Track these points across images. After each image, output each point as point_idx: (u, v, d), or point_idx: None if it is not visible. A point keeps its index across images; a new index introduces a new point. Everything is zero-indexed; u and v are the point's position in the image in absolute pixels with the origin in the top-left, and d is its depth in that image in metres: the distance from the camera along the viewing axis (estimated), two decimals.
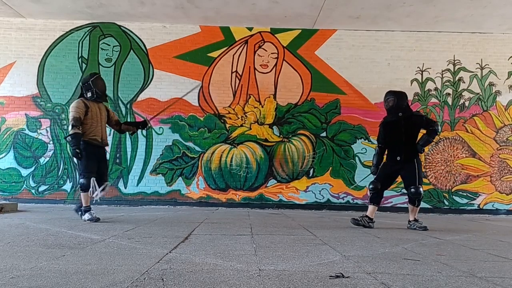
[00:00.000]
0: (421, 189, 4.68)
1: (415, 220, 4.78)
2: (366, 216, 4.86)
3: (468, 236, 4.29)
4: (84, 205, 4.82)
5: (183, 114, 7.82)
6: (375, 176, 5.00)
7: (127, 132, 5.63)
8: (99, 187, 4.92)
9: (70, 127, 4.74)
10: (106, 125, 5.19)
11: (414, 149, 4.78)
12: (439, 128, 4.75)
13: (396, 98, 4.86)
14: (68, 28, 7.94)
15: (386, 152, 5.04)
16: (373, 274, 2.30)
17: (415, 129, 4.85)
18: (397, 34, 8.06)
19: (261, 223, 5.06)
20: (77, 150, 4.65)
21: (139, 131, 7.67)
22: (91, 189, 4.83)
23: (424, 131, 4.83)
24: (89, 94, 4.89)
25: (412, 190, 4.68)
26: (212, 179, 7.72)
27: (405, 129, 4.79)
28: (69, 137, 4.70)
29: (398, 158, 4.80)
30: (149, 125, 5.49)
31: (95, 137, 4.91)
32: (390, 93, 4.98)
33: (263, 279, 2.12)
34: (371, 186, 4.92)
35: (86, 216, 4.75)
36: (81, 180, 4.82)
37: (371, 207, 4.90)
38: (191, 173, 7.72)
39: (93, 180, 4.83)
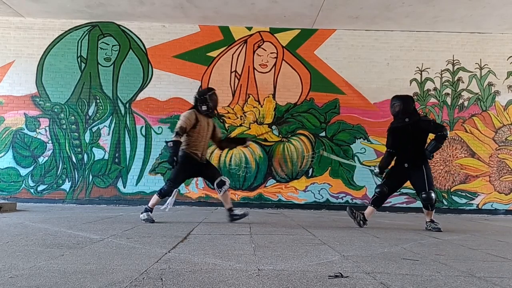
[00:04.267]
0: (432, 194, 4.59)
1: (431, 221, 4.72)
2: (363, 214, 4.85)
3: (467, 236, 4.30)
4: (149, 205, 4.80)
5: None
6: (382, 180, 4.96)
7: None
8: (218, 189, 4.86)
9: (174, 134, 4.67)
10: (210, 139, 5.11)
11: (422, 155, 4.69)
12: (448, 132, 4.66)
13: (402, 103, 4.76)
14: (67, 28, 7.93)
15: (391, 155, 4.95)
16: (372, 274, 2.30)
17: (423, 134, 4.75)
18: (396, 34, 8.07)
19: (260, 222, 5.06)
20: (174, 158, 4.59)
21: (138, 131, 7.76)
22: (169, 199, 4.78)
23: (433, 136, 4.72)
24: (204, 108, 4.83)
25: (424, 195, 4.61)
26: None
27: (413, 135, 4.70)
28: (171, 143, 4.60)
29: (406, 165, 4.73)
30: (248, 143, 5.42)
31: (196, 151, 4.83)
32: (396, 98, 4.87)
33: (262, 278, 2.12)
34: (377, 190, 4.86)
35: (144, 215, 4.75)
36: (164, 186, 4.80)
37: (370, 209, 4.88)
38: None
39: (175, 191, 4.78)
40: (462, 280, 2.22)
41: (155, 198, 4.81)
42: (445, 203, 7.77)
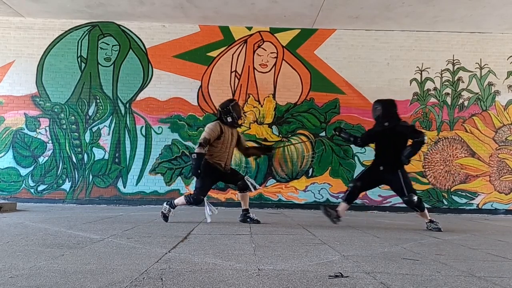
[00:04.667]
0: (413, 197, 4.61)
1: (430, 221, 4.73)
2: (336, 211, 4.86)
3: (467, 236, 4.30)
4: (175, 203, 4.84)
5: (182, 113, 7.81)
6: (357, 177, 5.08)
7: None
8: (240, 191, 4.97)
9: (197, 146, 4.71)
10: (235, 148, 5.18)
11: (398, 160, 4.68)
12: (425, 138, 4.67)
13: (382, 107, 4.81)
14: (67, 27, 7.93)
15: (355, 142, 5.05)
16: (372, 274, 2.30)
17: (400, 139, 4.74)
18: (396, 34, 8.06)
19: (260, 222, 5.05)
20: (198, 170, 4.66)
21: (138, 131, 7.76)
22: (206, 208, 4.79)
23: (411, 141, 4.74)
24: (229, 119, 4.88)
25: (405, 199, 4.65)
26: None
27: (391, 140, 4.72)
28: (194, 155, 4.67)
29: (381, 168, 4.78)
30: (274, 151, 5.45)
31: (220, 162, 4.89)
32: (377, 102, 4.92)
33: (262, 278, 2.12)
34: (351, 185, 4.94)
35: (166, 207, 4.81)
36: (194, 196, 4.80)
37: (343, 204, 4.92)
38: (191, 172, 7.71)
39: (206, 201, 4.82)
40: (462, 280, 2.22)
41: (182, 200, 4.84)
42: (445, 203, 7.77)
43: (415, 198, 4.62)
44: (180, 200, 4.85)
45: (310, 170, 7.79)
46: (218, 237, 3.64)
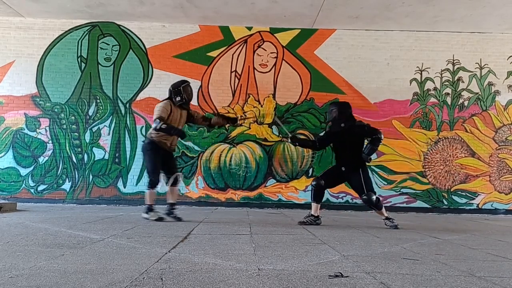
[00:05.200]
0: (372, 196, 4.72)
1: (386, 218, 4.87)
2: (311, 215, 4.95)
3: (467, 236, 4.30)
4: (148, 203, 4.95)
5: None
6: (320, 175, 5.17)
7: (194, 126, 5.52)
8: (171, 184, 5.07)
9: (158, 124, 4.75)
10: (191, 124, 5.37)
11: (358, 160, 4.83)
12: (382, 135, 4.85)
13: (337, 109, 4.98)
14: (67, 28, 7.93)
15: (313, 146, 5.38)
16: (372, 274, 2.30)
17: (358, 139, 4.90)
18: (396, 33, 8.07)
19: (260, 222, 5.06)
20: (183, 131, 4.97)
21: (139, 131, 7.75)
22: (161, 182, 4.94)
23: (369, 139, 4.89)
24: (178, 99, 4.98)
25: (364, 198, 4.76)
26: (211, 178, 7.72)
27: (349, 140, 4.87)
28: (164, 125, 4.74)
29: (343, 169, 4.90)
30: (238, 123, 5.54)
31: (166, 141, 4.98)
32: (333, 105, 5.15)
33: (262, 278, 2.12)
34: (314, 183, 5.02)
35: (151, 215, 4.92)
36: (151, 178, 4.92)
37: (313, 205, 5.00)
38: (190, 172, 7.72)
39: (162, 176, 4.97)
40: (462, 280, 2.22)
41: (148, 194, 4.97)
42: (445, 203, 7.77)
43: (374, 197, 4.76)
44: (147, 197, 4.99)
45: (310, 170, 7.79)
46: (218, 237, 3.65)
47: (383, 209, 4.88)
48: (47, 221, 4.62)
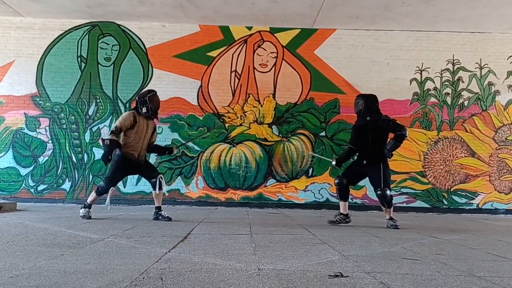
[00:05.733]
0: (387, 191, 4.70)
1: (390, 218, 4.85)
2: (341, 213, 4.96)
3: (467, 236, 4.30)
4: (88, 202, 4.99)
5: (182, 113, 7.82)
6: (341, 173, 5.12)
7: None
8: (153, 188, 5.00)
9: (109, 133, 4.79)
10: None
11: (381, 153, 4.78)
12: (407, 132, 4.81)
13: (365, 102, 4.90)
14: (67, 27, 7.93)
15: (352, 152, 5.22)
16: (372, 274, 2.30)
17: (382, 133, 4.86)
18: (396, 33, 8.07)
19: (260, 222, 5.06)
20: (109, 156, 4.72)
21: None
22: (107, 197, 4.94)
23: (393, 135, 4.84)
24: (144, 110, 4.91)
25: (379, 192, 4.73)
26: (211, 178, 7.72)
27: (372, 133, 4.82)
28: (107, 141, 4.72)
29: (364, 162, 4.88)
30: (176, 151, 5.51)
31: (133, 152, 4.94)
32: (359, 97, 5.03)
33: (262, 278, 2.12)
34: (336, 181, 5.00)
35: (83, 211, 4.93)
36: (102, 184, 4.97)
37: (341, 204, 5.00)
38: (190, 172, 7.72)
39: (111, 190, 4.94)
40: (462, 280, 2.22)
41: (93, 195, 4.98)
42: (445, 202, 7.77)
43: (389, 192, 4.72)
44: (91, 197, 4.99)
45: (310, 170, 7.79)
46: (218, 237, 3.64)
47: (391, 209, 4.86)
48: (47, 221, 4.62)
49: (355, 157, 5.17)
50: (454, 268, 2.54)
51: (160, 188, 4.96)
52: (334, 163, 5.24)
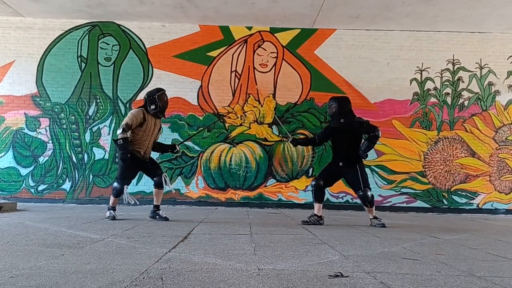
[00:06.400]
0: (368, 192, 4.79)
1: (374, 217, 4.92)
2: (315, 215, 4.97)
3: (467, 236, 4.30)
4: (110, 205, 5.01)
5: (182, 113, 7.82)
6: (318, 175, 5.20)
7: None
8: (156, 187, 5.05)
9: (120, 131, 4.77)
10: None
11: (356, 155, 4.88)
12: (380, 133, 4.94)
13: (337, 104, 4.97)
14: (68, 27, 7.93)
15: (313, 143, 5.48)
16: (372, 274, 2.30)
17: (356, 134, 4.95)
18: (396, 33, 8.07)
19: (260, 222, 5.06)
20: (128, 154, 4.73)
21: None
22: (124, 196, 4.95)
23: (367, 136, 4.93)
24: (152, 107, 4.94)
25: (360, 193, 4.81)
26: (212, 178, 7.72)
27: (347, 135, 4.90)
28: (120, 140, 4.72)
29: (340, 164, 4.93)
30: (178, 148, 5.52)
31: (139, 149, 4.96)
32: (332, 99, 5.09)
33: (262, 278, 2.12)
34: (313, 183, 5.04)
35: (107, 213, 4.97)
36: (115, 184, 4.97)
37: (316, 205, 5.02)
38: (191, 172, 7.72)
39: (126, 188, 4.95)
40: (462, 280, 2.22)
41: (111, 198, 5.02)
42: (445, 202, 7.77)
43: (370, 193, 4.81)
44: (111, 200, 5.02)
45: (310, 170, 7.79)
46: (218, 236, 3.64)
47: (374, 208, 4.95)
48: (47, 221, 4.62)
49: (331, 158, 5.22)
50: (454, 268, 2.54)
51: (162, 186, 4.99)
52: (290, 140, 5.32)
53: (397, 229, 4.76)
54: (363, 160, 4.93)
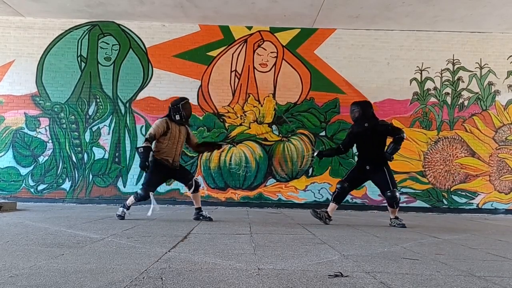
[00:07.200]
0: (397, 193, 4.86)
1: (396, 218, 4.99)
2: (326, 212, 5.04)
3: (467, 236, 4.30)
4: (127, 203, 5.05)
5: None
6: (344, 177, 5.24)
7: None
8: (190, 190, 5.15)
9: (144, 140, 4.90)
10: (186, 144, 5.41)
11: (382, 157, 4.93)
12: (405, 135, 5.02)
13: (360, 109, 5.02)
14: (67, 27, 7.93)
15: (339, 152, 5.40)
16: (372, 273, 2.30)
17: (381, 138, 5.00)
18: (396, 33, 8.07)
19: (260, 222, 5.07)
20: (146, 163, 4.79)
21: (138, 130, 7.76)
22: (152, 202, 4.96)
23: (391, 139, 4.97)
24: (177, 117, 5.03)
25: (389, 194, 4.87)
26: (211, 178, 7.72)
27: (372, 139, 4.95)
28: (141, 149, 4.83)
29: (367, 167, 4.98)
30: (224, 146, 5.61)
31: (167, 157, 5.02)
32: (355, 104, 5.14)
33: (262, 278, 2.12)
34: (338, 186, 5.09)
35: (120, 210, 5.03)
36: (139, 191, 5.00)
37: (332, 205, 5.09)
38: (191, 172, 7.71)
39: (152, 196, 4.97)
40: (462, 280, 2.22)
41: (131, 199, 5.04)
42: (445, 202, 7.77)
43: (398, 194, 4.89)
44: (130, 199, 5.05)
45: (310, 170, 7.79)
46: (218, 236, 3.65)
47: (397, 209, 5.00)
48: (47, 221, 4.62)
49: (356, 162, 5.27)
50: (454, 268, 2.54)
51: (197, 190, 5.12)
52: (316, 153, 5.39)
53: (397, 229, 4.77)
54: (389, 162, 4.97)
